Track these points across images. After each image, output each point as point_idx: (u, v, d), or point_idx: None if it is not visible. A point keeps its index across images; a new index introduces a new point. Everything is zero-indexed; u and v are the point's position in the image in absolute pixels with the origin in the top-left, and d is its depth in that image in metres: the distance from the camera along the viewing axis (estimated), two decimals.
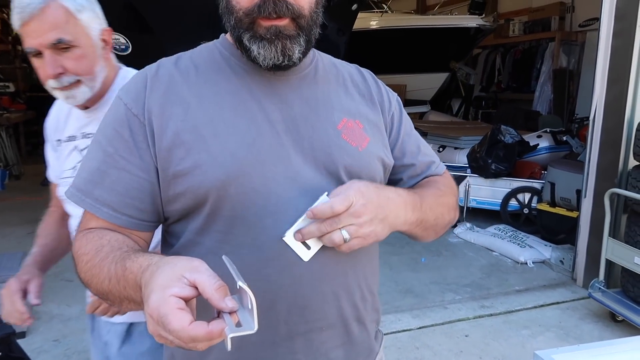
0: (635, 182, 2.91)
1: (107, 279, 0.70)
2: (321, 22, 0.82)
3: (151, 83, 0.79)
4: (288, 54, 0.77)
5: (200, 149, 0.75)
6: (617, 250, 3.00)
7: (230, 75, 0.82)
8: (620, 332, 2.92)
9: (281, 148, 0.79)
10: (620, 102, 3.23)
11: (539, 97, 7.64)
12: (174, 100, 0.78)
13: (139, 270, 0.64)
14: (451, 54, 7.99)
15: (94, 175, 0.78)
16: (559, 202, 4.29)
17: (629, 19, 3.15)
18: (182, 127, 0.76)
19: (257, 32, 0.76)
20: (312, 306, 0.81)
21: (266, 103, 0.81)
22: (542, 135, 5.18)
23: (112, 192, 0.77)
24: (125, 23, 4.19)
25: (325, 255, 0.80)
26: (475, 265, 3.97)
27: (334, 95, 0.88)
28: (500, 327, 3.00)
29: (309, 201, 0.76)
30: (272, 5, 0.73)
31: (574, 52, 7.29)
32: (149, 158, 0.77)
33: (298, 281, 0.79)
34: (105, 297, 0.74)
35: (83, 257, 0.75)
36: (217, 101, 0.79)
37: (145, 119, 0.77)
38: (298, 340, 0.81)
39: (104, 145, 0.79)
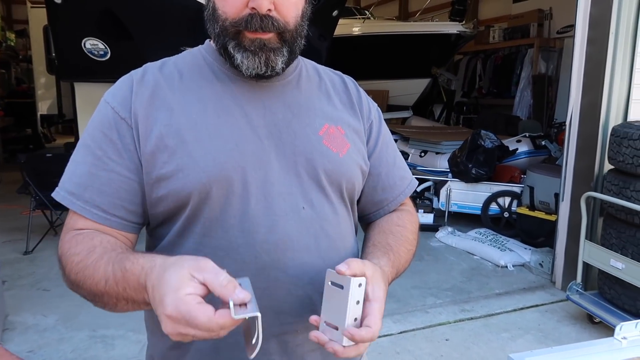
0: (610, 185, 2.96)
1: (104, 280, 0.70)
2: (306, 33, 0.84)
3: (137, 87, 0.81)
4: (271, 65, 0.79)
5: (183, 153, 0.77)
6: (593, 253, 3.05)
7: (214, 81, 0.83)
8: (597, 333, 2.96)
9: (263, 153, 0.81)
10: (595, 107, 3.29)
11: (519, 103, 7.76)
12: (158, 105, 0.79)
13: (142, 272, 0.66)
14: (433, 60, 8.08)
15: (83, 178, 0.79)
16: (538, 205, 4.35)
17: (603, 27, 3.22)
18: (166, 132, 0.77)
19: (241, 42, 0.78)
20: (286, 309, 0.82)
21: (249, 109, 0.82)
22: (522, 140, 5.25)
23: (102, 193, 0.78)
24: (104, 29, 4.16)
25: (302, 260, 0.81)
26: (456, 269, 4.00)
27: (317, 102, 0.89)
28: (480, 331, 3.02)
29: (287, 207, 0.80)
30: (258, 21, 0.75)
31: (553, 58, 7.43)
32: (137, 160, 0.78)
33: (273, 285, 0.80)
34: (98, 299, 0.73)
35: (73, 258, 0.75)
36: (201, 106, 0.80)
37: (132, 122, 0.79)
38: (272, 341, 0.82)
39: (93, 148, 0.80)
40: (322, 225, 0.84)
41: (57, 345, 2.80)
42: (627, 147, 2.81)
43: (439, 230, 4.71)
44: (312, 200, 0.83)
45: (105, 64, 4.25)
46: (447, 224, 4.86)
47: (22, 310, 3.20)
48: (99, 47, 4.16)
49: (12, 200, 5.49)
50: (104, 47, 4.17)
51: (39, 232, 4.42)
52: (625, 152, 2.82)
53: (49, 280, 3.72)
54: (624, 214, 2.83)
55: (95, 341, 2.86)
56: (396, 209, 0.99)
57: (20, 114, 9.60)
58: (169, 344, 0.86)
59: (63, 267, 0.77)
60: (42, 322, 3.07)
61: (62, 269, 0.77)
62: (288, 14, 0.78)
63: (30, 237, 4.30)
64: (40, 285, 3.65)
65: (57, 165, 4.68)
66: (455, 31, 7.54)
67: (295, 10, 0.80)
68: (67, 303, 3.34)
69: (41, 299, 3.40)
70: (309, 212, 0.83)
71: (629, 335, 1.18)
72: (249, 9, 0.76)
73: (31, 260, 4.15)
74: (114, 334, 2.93)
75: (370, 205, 0.97)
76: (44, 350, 2.76)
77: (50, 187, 3.67)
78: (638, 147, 2.74)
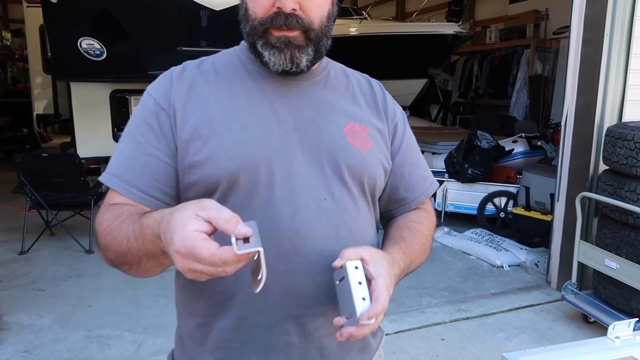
0: (605, 185, 2.98)
1: (126, 239, 0.75)
2: (331, 34, 0.89)
3: (176, 82, 0.88)
4: (296, 62, 0.84)
5: (215, 143, 0.83)
6: (588, 253, 3.06)
7: (247, 78, 0.90)
8: (592, 333, 2.97)
9: (288, 146, 0.86)
10: (590, 108, 3.31)
11: (516, 103, 7.78)
12: (194, 99, 0.86)
13: (155, 223, 0.70)
14: (429, 61, 8.10)
15: (126, 161, 0.86)
16: (534, 206, 4.36)
17: (598, 28, 3.23)
18: (200, 123, 0.84)
19: (268, 40, 0.83)
20: (305, 293, 0.86)
21: (278, 105, 0.88)
22: (518, 141, 5.27)
23: (141, 175, 0.84)
24: (100, 29, 4.15)
25: (322, 248, 0.85)
26: (452, 269, 4.01)
27: (342, 102, 0.94)
28: (476, 331, 3.03)
29: (310, 197, 0.85)
30: (283, 19, 0.81)
31: (549, 59, 7.45)
32: (173, 147, 0.85)
33: (293, 269, 0.85)
34: (124, 258, 0.78)
35: (103, 224, 0.81)
36: (233, 101, 0.87)
37: (171, 112, 0.85)
38: (291, 323, 0.87)
39: (135, 135, 0.86)
40: (342, 216, 0.88)
41: (53, 346, 2.80)
42: (622, 147, 2.82)
43: (436, 231, 4.71)
44: (334, 192, 0.88)
45: (101, 63, 4.24)
46: (444, 224, 4.87)
47: (17, 310, 3.19)
48: (95, 47, 4.15)
49: (7, 200, 5.47)
50: (100, 46, 4.16)
51: (34, 232, 4.41)
52: (620, 153, 2.83)
53: (44, 281, 3.72)
54: (619, 214, 2.84)
55: (91, 341, 2.85)
56: (416, 208, 1.03)
57: (16, 113, 9.58)
58: (195, 323, 0.91)
59: (96, 235, 0.83)
60: (38, 322, 3.07)
61: (96, 237, 0.84)
62: (313, 14, 0.83)
63: (26, 237, 4.29)
64: (35, 285, 3.64)
65: (53, 165, 4.69)
66: (452, 32, 7.55)
67: (320, 10, 0.85)
68: (63, 303, 3.34)
69: (37, 299, 3.39)
70: (330, 203, 0.87)
71: (622, 335, 1.19)
72: (275, 8, 0.81)
73: (27, 260, 4.14)
74: (110, 334, 2.92)
75: (392, 202, 1.02)
76: (40, 350, 2.75)
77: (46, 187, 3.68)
78: (632, 148, 2.76)
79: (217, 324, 0.89)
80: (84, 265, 4.03)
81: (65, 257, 4.19)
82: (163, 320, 3.11)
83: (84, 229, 4.50)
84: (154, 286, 3.64)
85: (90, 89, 5.31)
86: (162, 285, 3.65)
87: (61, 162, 4.62)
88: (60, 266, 4.01)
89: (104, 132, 5.50)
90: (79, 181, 4.33)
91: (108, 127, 5.51)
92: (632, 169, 2.76)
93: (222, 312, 0.88)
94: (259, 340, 0.88)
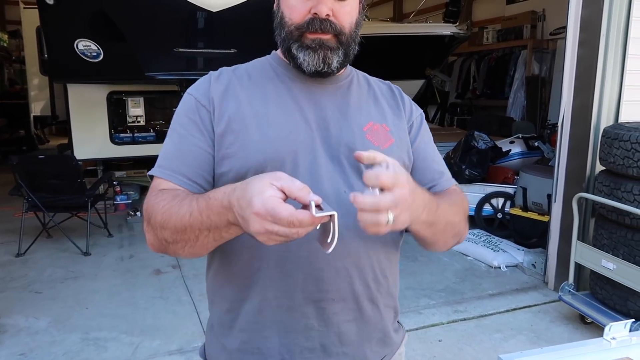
0: (601, 186, 2.98)
1: (188, 214, 0.80)
2: (359, 40, 1.00)
3: (214, 83, 0.98)
4: (328, 62, 0.94)
5: (245, 137, 0.92)
6: (585, 254, 3.07)
7: (277, 81, 1.00)
8: (589, 334, 2.97)
9: (312, 142, 0.94)
10: (587, 109, 3.31)
11: (513, 104, 7.78)
12: (229, 97, 0.96)
13: (224, 195, 0.75)
14: (427, 61, 8.09)
15: (171, 153, 0.95)
16: (531, 206, 4.37)
17: (594, 29, 3.24)
18: (234, 118, 0.93)
19: (304, 42, 0.93)
20: (325, 278, 0.92)
21: (304, 105, 0.97)
22: (515, 141, 5.27)
23: (186, 163, 0.93)
24: (97, 30, 4.14)
25: (341, 235, 0.91)
26: (449, 270, 4.01)
27: (364, 104, 1.03)
28: (473, 332, 3.03)
29: (330, 188, 0.92)
30: (319, 22, 0.91)
31: (546, 60, 7.46)
32: (212, 139, 0.94)
33: (314, 254, 0.91)
34: (182, 234, 0.82)
35: (160, 203, 0.86)
36: (263, 100, 0.96)
37: (210, 108, 0.95)
38: (311, 306, 0.93)
39: (179, 130, 0.96)
40: None
41: (49, 348, 2.79)
42: (618, 148, 2.83)
43: None
44: (353, 185, 0.94)
45: (98, 65, 4.23)
46: None
47: (13, 313, 3.18)
48: (91, 48, 4.14)
49: (4, 202, 5.46)
50: (96, 48, 4.15)
51: (31, 234, 4.40)
52: (616, 154, 2.84)
53: (41, 283, 3.71)
54: (615, 214, 2.85)
55: (88, 344, 2.85)
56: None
57: (13, 115, 9.55)
58: (224, 308, 0.99)
59: (148, 216, 0.88)
60: (34, 324, 3.06)
61: (147, 219, 0.88)
62: (344, 20, 0.94)
63: (23, 239, 4.28)
64: (32, 287, 3.63)
65: (50, 167, 4.67)
66: (449, 32, 7.55)
67: (350, 17, 0.95)
68: (59, 305, 3.33)
69: (33, 302, 3.38)
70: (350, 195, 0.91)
71: (618, 336, 1.19)
72: (311, 14, 0.92)
73: (23, 262, 4.13)
74: (107, 337, 2.92)
75: None
76: (36, 353, 2.74)
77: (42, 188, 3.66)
78: (629, 149, 2.76)
79: (243, 308, 0.96)
80: (80, 267, 4.02)
81: (62, 259, 4.18)
82: (160, 323, 3.11)
83: (81, 231, 4.49)
84: (151, 288, 3.64)
85: (87, 90, 5.30)
86: (159, 287, 3.65)
87: (58, 163, 4.60)
88: (57, 268, 4.00)
89: (101, 133, 5.49)
90: (76, 183, 4.32)
91: (105, 128, 5.51)
92: (629, 169, 2.77)
93: (248, 297, 0.95)
94: (281, 322, 0.94)
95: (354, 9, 0.96)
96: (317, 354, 0.96)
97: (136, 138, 5.78)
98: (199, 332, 3.00)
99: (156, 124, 6.15)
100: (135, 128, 5.80)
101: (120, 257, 4.29)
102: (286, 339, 0.95)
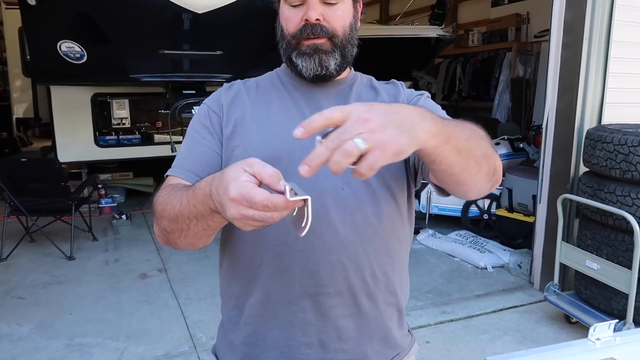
0: (585, 187, 3.02)
1: (179, 203, 0.84)
2: (356, 42, 1.03)
3: (224, 92, 1.06)
4: (325, 65, 0.99)
5: (249, 138, 0.98)
6: (570, 254, 3.10)
7: (281, 89, 1.06)
8: (574, 333, 3.01)
9: (310, 141, 0.92)
10: (571, 110, 3.35)
11: (498, 105, 7.85)
12: (237, 104, 1.04)
13: (206, 184, 0.77)
14: (413, 63, 8.13)
15: (184, 154, 1.02)
16: (517, 207, 4.40)
17: (577, 32, 3.28)
18: (239, 122, 1.00)
19: (300, 49, 0.99)
20: (321, 272, 0.95)
21: (305, 108, 1.02)
22: (500, 143, 5.32)
23: (197, 162, 0.99)
24: (80, 31, 4.08)
25: (337, 231, 0.94)
26: (437, 271, 4.02)
27: None
28: (460, 333, 3.04)
29: (328, 185, 0.94)
30: (310, 28, 0.96)
31: (530, 62, 7.54)
32: (222, 140, 1.01)
33: (310, 249, 0.94)
34: (175, 223, 0.85)
35: (161, 195, 0.91)
36: (267, 106, 1.03)
37: (220, 114, 1.03)
38: (308, 300, 0.96)
39: (192, 134, 1.03)
40: (359, 203, 0.96)
41: (32, 355, 2.74)
42: (601, 150, 2.86)
43: (420, 233, 4.74)
44: (351, 183, 0.96)
45: (81, 66, 4.17)
46: (428, 227, 4.89)
47: None
48: (75, 50, 4.08)
49: None
50: (80, 49, 4.09)
51: (13, 238, 4.33)
52: (600, 155, 2.87)
53: (23, 288, 3.64)
54: (599, 215, 2.89)
55: (72, 350, 2.80)
56: None
57: None
58: (231, 304, 1.04)
59: (155, 209, 0.92)
60: (17, 331, 3.00)
61: (154, 211, 0.93)
62: (335, 23, 0.98)
63: (5, 243, 4.21)
64: (14, 293, 3.57)
65: (33, 170, 4.59)
66: (435, 35, 7.59)
67: (342, 20, 0.99)
68: (43, 311, 3.27)
69: (16, 307, 3.32)
70: (347, 192, 0.96)
71: (603, 336, 1.20)
72: (303, 21, 0.97)
73: (5, 267, 4.05)
74: (91, 342, 2.87)
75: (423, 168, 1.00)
76: None
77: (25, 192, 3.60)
78: (611, 150, 2.80)
79: (247, 303, 1.01)
80: (64, 272, 3.96)
81: (45, 264, 4.12)
82: (146, 327, 3.07)
83: (64, 235, 4.43)
84: (137, 292, 3.60)
85: (71, 92, 5.23)
86: (144, 292, 3.61)
87: (41, 167, 4.53)
88: (40, 273, 3.93)
89: (85, 136, 5.41)
90: (60, 186, 4.25)
91: (89, 131, 5.43)
92: (612, 170, 2.81)
93: (252, 292, 0.99)
94: (281, 315, 0.98)
95: (346, 12, 0.99)
96: (315, 350, 0.98)
97: (121, 140, 5.72)
98: (185, 336, 2.97)
99: (141, 126, 6.10)
100: (120, 130, 5.73)
101: (105, 261, 4.24)
102: (286, 332, 0.98)
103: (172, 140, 4.76)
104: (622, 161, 2.75)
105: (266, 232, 0.92)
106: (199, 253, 4.28)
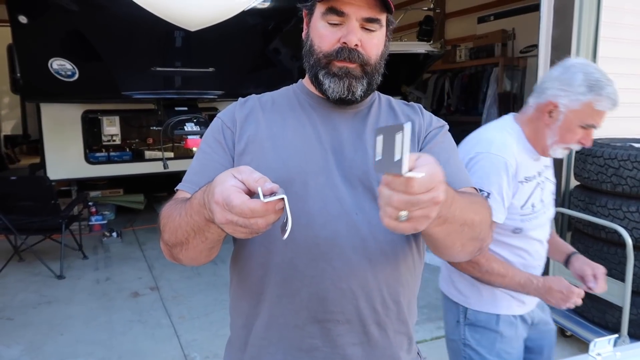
0: (577, 201, 3.05)
1: (178, 215, 0.84)
2: (382, 71, 1.02)
3: (239, 108, 1.05)
4: (352, 90, 0.97)
5: (261, 156, 0.96)
6: (563, 267, 3.11)
7: (297, 107, 1.04)
8: (569, 347, 3.01)
9: (325, 163, 0.96)
10: None
11: (486, 120, 7.95)
12: (251, 121, 1.02)
13: (201, 193, 0.78)
14: (402, 79, 8.22)
15: (194, 168, 1.01)
16: None
17: (564, 48, 3.35)
18: (252, 140, 0.99)
19: (331, 70, 0.97)
20: (329, 298, 0.93)
21: (321, 129, 1.00)
22: None
23: (207, 177, 0.92)
24: (71, 49, 4.08)
25: (348, 257, 0.92)
26: (431, 286, 4.00)
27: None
28: None
29: (341, 210, 0.92)
30: (347, 52, 0.95)
31: (517, 77, 7.67)
32: (234, 156, 1.00)
33: (320, 274, 0.92)
34: (176, 235, 0.85)
35: (166, 208, 0.91)
36: (282, 124, 1.01)
37: (234, 129, 1.01)
38: (316, 326, 0.94)
39: (204, 148, 1.02)
40: (371, 230, 0.94)
41: None
42: (592, 164, 2.91)
43: None
44: (365, 208, 0.94)
45: (73, 84, 4.15)
46: None
47: None
48: (66, 67, 4.07)
49: None
50: (71, 67, 4.07)
51: (2, 257, 4.26)
52: (590, 169, 2.92)
53: (12, 309, 3.58)
54: (591, 228, 2.92)
55: None
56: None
57: None
58: (240, 323, 1.03)
59: (159, 222, 0.92)
60: (5, 353, 2.94)
61: (158, 225, 0.92)
62: (371, 51, 0.97)
63: None
64: (3, 313, 3.50)
65: (22, 188, 4.53)
66: (424, 51, 7.70)
67: (377, 49, 0.98)
68: (32, 332, 3.21)
69: (4, 329, 3.25)
70: (360, 217, 0.94)
71: (603, 352, 1.21)
72: (340, 43, 0.95)
73: None
74: None
75: None
76: None
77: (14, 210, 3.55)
78: (602, 164, 2.84)
79: (255, 324, 0.99)
80: (54, 291, 3.90)
81: (34, 284, 4.05)
82: (138, 347, 3.02)
83: (54, 254, 4.36)
84: (129, 311, 3.55)
85: (61, 109, 5.19)
86: (137, 311, 3.56)
87: (30, 185, 4.49)
88: (29, 293, 3.87)
89: (75, 153, 5.37)
90: (49, 204, 4.21)
91: (79, 148, 5.39)
92: (603, 184, 2.85)
93: (259, 313, 0.98)
94: (286, 339, 0.96)
95: (381, 41, 0.99)
96: None
97: (112, 157, 5.68)
98: (179, 356, 2.93)
99: (132, 142, 6.07)
100: (110, 147, 5.70)
101: (96, 279, 4.18)
102: (291, 356, 0.96)
103: (165, 157, 4.75)
104: (613, 175, 2.79)
105: (275, 254, 0.94)
106: (192, 270, 4.24)
